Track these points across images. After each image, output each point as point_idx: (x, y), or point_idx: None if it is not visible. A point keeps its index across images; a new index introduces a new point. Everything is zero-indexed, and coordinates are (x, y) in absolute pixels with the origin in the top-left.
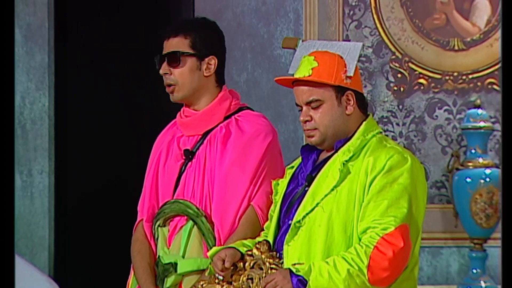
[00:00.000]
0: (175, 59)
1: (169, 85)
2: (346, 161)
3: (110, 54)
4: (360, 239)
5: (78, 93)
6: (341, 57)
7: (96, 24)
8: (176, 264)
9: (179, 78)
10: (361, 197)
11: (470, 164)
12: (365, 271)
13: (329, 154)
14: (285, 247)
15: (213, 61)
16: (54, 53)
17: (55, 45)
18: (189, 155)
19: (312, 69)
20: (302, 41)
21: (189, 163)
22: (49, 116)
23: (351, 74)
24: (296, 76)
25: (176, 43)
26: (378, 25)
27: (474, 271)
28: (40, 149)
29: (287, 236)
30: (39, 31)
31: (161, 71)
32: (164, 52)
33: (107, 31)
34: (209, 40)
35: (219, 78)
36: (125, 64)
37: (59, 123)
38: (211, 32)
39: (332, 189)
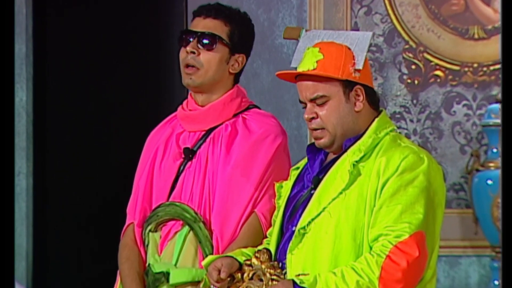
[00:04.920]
0: (211, 40)
1: (191, 66)
2: (356, 161)
3: (93, 44)
4: (371, 248)
5: (59, 87)
6: (349, 48)
7: (79, 11)
8: (168, 273)
9: (206, 63)
10: (372, 201)
11: (491, 164)
12: (376, 283)
13: (337, 154)
14: (288, 255)
15: (240, 59)
16: (33, 42)
17: (33, 34)
18: (189, 154)
19: (317, 61)
20: (306, 30)
21: (189, 163)
22: (27, 112)
23: (360, 67)
24: (299, 70)
25: (214, 26)
26: (390, 11)
27: (496, 282)
28: (17, 148)
29: (290, 243)
30: (16, 18)
31: (188, 48)
32: (196, 29)
33: (90, 19)
34: (246, 38)
35: (237, 77)
36: (110, 55)
37: (38, 120)
38: (250, 30)
39: (341, 193)
